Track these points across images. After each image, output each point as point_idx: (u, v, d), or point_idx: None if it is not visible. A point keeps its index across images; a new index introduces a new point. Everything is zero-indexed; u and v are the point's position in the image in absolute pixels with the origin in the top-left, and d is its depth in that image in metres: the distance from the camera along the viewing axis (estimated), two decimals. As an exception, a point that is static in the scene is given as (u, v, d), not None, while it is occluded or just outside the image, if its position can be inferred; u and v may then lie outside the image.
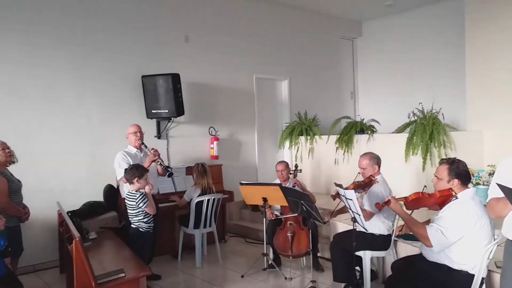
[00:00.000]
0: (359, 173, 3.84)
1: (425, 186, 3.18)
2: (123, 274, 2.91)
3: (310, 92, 7.75)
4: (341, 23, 8.31)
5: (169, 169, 4.38)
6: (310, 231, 4.16)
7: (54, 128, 4.98)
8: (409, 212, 2.98)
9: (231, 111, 6.65)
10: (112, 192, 5.06)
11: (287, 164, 4.88)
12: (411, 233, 3.02)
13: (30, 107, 4.81)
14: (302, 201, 3.81)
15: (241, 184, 4.58)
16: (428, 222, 2.98)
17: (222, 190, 5.50)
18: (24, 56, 4.78)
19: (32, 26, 4.83)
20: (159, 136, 5.79)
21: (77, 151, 5.13)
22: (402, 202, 2.96)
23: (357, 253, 3.62)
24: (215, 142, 6.28)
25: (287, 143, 7.27)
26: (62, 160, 5.01)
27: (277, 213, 4.70)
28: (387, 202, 2.94)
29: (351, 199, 3.26)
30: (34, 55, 4.84)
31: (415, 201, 2.92)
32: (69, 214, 4.08)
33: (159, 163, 4.33)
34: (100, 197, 5.11)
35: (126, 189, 4.11)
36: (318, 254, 4.62)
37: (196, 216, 4.79)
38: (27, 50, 4.80)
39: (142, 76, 5.47)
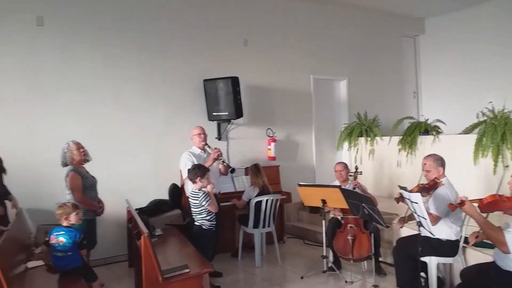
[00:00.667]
0: (425, 175, 3.69)
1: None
2: (187, 270, 3.03)
3: (369, 92, 7.56)
4: (402, 20, 8.03)
5: (231, 166, 4.49)
6: (372, 235, 4.06)
7: (122, 129, 5.29)
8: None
9: (288, 113, 6.67)
10: (176, 191, 5.29)
11: (345, 165, 4.80)
12: (487, 240, 2.85)
13: (100, 110, 5.15)
14: (363, 204, 3.73)
15: (300, 185, 4.58)
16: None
17: (279, 191, 5.54)
18: (96, 62, 5.13)
19: (102, 32, 5.16)
20: (219, 137, 5.95)
21: (143, 151, 5.42)
22: (476, 205, 2.79)
23: (422, 259, 3.48)
24: (272, 144, 6.33)
25: (345, 145, 7.14)
26: (129, 160, 5.31)
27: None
28: (461, 204, 2.77)
29: (416, 203, 3.14)
30: (104, 61, 5.18)
31: (491, 204, 2.74)
32: (137, 211, 4.32)
33: (221, 160, 4.46)
34: (165, 195, 5.35)
35: (190, 188, 4.28)
36: (380, 259, 4.50)
37: (256, 216, 4.86)
38: (98, 56, 5.14)
39: (204, 80, 5.66)
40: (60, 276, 3.29)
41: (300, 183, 4.60)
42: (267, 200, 4.82)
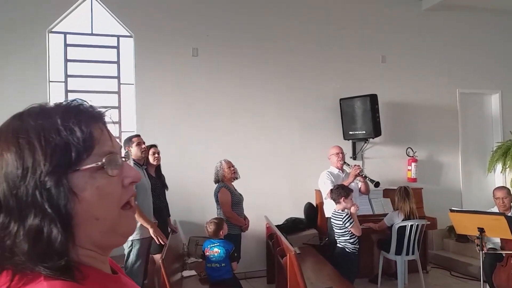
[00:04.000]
0: None
1: None
2: (335, 292, 2.96)
3: (529, 106, 6.60)
4: None
5: (374, 180, 4.32)
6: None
7: (260, 148, 5.52)
8: None
9: (430, 131, 6.19)
10: (312, 210, 5.29)
11: (509, 191, 4.21)
12: None
13: (241, 133, 5.48)
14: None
15: (452, 211, 4.14)
16: None
17: (423, 216, 5.11)
18: (237, 89, 5.48)
19: (243, 61, 5.52)
20: (354, 157, 5.80)
21: (279, 170, 5.57)
22: None
23: None
24: (413, 164, 5.92)
25: (499, 166, 6.30)
26: (266, 178, 5.50)
27: (494, 246, 4.08)
28: None
29: None
30: (244, 88, 5.51)
31: None
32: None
33: (363, 175, 4.32)
34: (300, 214, 5.39)
35: (329, 208, 4.23)
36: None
37: (398, 242, 4.56)
38: (240, 83, 5.50)
39: (340, 99, 5.62)
40: (210, 287, 3.52)
41: (452, 208, 4.17)
42: (411, 225, 4.49)
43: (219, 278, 3.42)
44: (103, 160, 0.65)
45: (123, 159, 0.71)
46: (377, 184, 4.29)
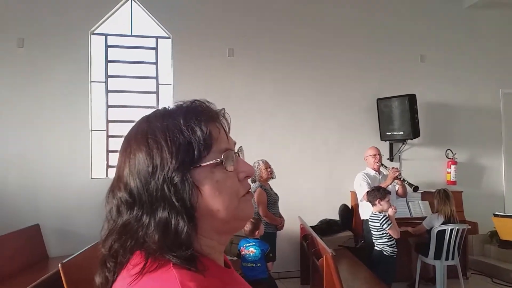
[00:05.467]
0: None
1: None
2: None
3: None
4: None
5: (413, 184, 4.21)
6: None
7: (296, 148, 5.51)
8: None
9: (471, 132, 5.97)
10: (347, 212, 5.22)
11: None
12: None
13: (278, 133, 5.47)
14: None
15: (496, 215, 4.01)
16: None
17: (463, 220, 4.94)
18: (276, 89, 5.49)
19: (278, 58, 5.50)
20: (391, 158, 5.68)
21: (315, 171, 5.53)
22: None
23: None
24: (452, 166, 5.74)
25: (546, 171, 6.01)
26: (301, 179, 5.47)
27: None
28: None
29: None
30: (283, 86, 5.51)
31: None
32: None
33: (401, 178, 4.23)
34: (334, 215, 5.33)
35: (365, 210, 4.16)
36: None
37: (437, 246, 4.43)
38: (278, 82, 5.49)
39: (377, 99, 5.51)
40: (246, 286, 3.54)
41: (496, 212, 4.03)
42: (451, 229, 4.34)
43: (255, 277, 3.43)
44: (221, 157, 0.72)
45: (237, 154, 0.78)
46: (415, 189, 4.20)
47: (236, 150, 0.78)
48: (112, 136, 5.21)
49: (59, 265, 2.80)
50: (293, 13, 5.60)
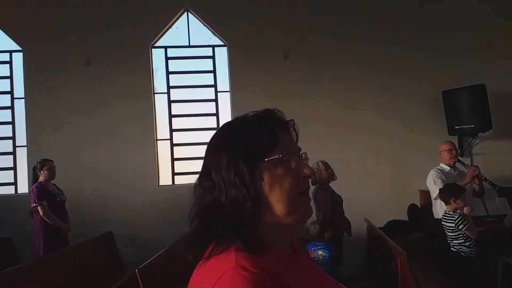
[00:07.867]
0: None
1: None
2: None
3: None
4: None
5: (497, 185, 3.94)
6: None
7: (358, 148, 5.37)
8: None
9: (552, 122, 5.48)
10: (416, 212, 5.00)
11: None
12: None
13: (339, 132, 5.38)
14: None
15: None
16: None
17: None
18: (331, 89, 5.42)
19: (334, 58, 5.42)
20: (462, 153, 5.35)
21: (379, 170, 5.36)
22: None
23: None
24: (529, 159, 5.29)
25: None
26: (366, 179, 5.32)
27: None
28: None
29: None
30: (338, 85, 5.42)
31: None
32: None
33: (482, 177, 3.95)
34: (403, 216, 5.12)
35: (438, 209, 3.94)
36: None
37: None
38: (333, 82, 5.42)
39: (443, 92, 5.23)
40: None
41: None
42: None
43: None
44: (283, 153, 0.87)
45: (301, 157, 0.93)
46: (499, 190, 3.90)
47: (299, 154, 0.94)
48: (177, 145, 5.40)
49: (136, 270, 2.94)
50: (348, 10, 5.49)
